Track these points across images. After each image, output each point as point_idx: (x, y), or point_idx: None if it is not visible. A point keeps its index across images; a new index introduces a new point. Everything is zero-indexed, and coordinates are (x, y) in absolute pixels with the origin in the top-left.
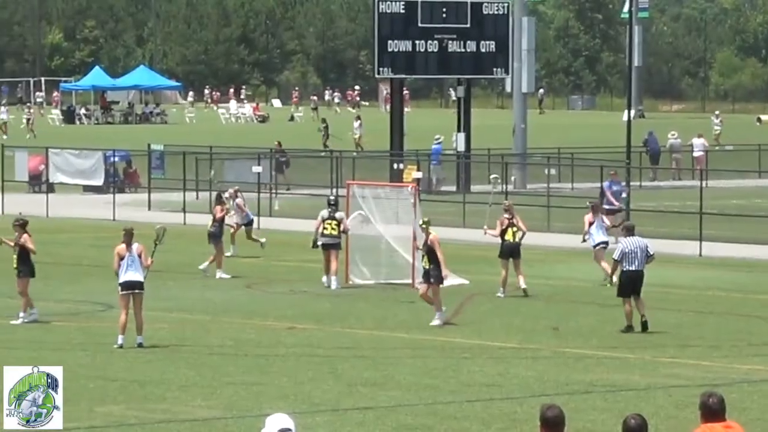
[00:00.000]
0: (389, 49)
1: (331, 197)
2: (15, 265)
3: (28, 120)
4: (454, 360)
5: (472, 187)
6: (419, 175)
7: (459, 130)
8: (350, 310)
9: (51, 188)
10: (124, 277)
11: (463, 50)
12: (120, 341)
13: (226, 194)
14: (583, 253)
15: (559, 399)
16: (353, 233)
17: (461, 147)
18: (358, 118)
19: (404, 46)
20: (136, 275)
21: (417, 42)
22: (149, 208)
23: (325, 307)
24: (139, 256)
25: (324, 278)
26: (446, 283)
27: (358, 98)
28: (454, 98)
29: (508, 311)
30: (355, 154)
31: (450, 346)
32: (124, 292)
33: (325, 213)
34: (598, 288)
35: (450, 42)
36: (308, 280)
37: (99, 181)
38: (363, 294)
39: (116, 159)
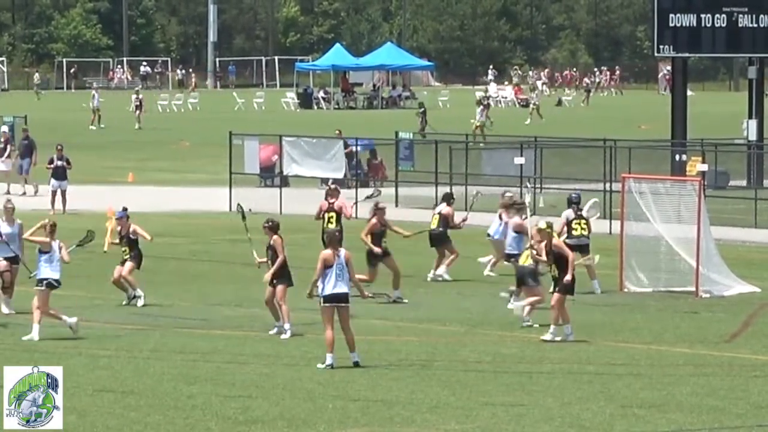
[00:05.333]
0: (670, 24)
1: (574, 194)
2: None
3: (137, 107)
4: (742, 379)
5: (765, 181)
6: (704, 167)
7: (750, 117)
8: (625, 321)
9: (285, 181)
10: (329, 288)
11: (755, 25)
12: (329, 360)
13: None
14: None
15: None
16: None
17: (753, 136)
18: (480, 102)
19: (688, 20)
20: (343, 287)
21: (702, 16)
22: (396, 205)
23: (597, 318)
24: (347, 263)
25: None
26: (732, 292)
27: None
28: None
29: None
30: (631, 143)
31: (738, 363)
32: (326, 305)
33: (570, 213)
34: None
35: (740, 16)
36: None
37: (339, 174)
38: (639, 303)
39: (359, 148)
